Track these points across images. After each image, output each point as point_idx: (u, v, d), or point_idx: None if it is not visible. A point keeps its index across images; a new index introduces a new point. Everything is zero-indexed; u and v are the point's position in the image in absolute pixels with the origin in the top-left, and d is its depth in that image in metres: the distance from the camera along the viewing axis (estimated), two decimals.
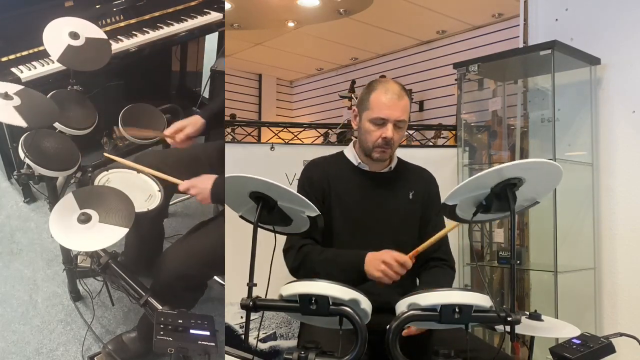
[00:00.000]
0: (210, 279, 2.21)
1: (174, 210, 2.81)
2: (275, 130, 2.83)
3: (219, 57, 3.14)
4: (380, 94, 1.72)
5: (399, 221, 1.79)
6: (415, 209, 1.82)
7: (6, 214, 2.81)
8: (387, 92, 1.72)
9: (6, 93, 1.84)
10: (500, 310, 1.15)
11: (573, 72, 2.49)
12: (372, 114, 1.72)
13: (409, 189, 1.82)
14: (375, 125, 1.72)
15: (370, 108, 1.73)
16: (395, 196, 1.81)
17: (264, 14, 4.26)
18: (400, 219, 1.79)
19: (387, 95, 1.72)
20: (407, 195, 1.82)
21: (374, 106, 1.72)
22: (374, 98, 1.73)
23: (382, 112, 1.71)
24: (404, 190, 1.82)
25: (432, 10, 4.01)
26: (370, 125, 1.73)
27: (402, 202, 1.81)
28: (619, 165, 2.43)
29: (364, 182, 1.81)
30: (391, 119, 1.71)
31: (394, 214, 1.79)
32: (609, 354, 1.41)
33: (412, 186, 1.83)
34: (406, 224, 1.80)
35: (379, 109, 1.71)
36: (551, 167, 1.19)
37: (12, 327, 2.25)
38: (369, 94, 1.75)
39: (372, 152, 1.76)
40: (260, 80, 6.09)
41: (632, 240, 2.38)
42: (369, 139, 1.75)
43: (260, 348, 2.50)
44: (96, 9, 2.59)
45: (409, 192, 1.82)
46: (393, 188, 1.82)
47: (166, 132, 2.04)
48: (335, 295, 1.16)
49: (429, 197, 1.83)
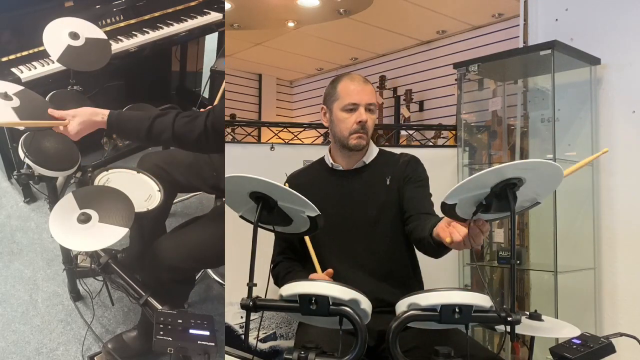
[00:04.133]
0: (198, 272, 2.21)
1: (174, 210, 2.81)
2: (275, 130, 2.83)
3: (219, 57, 3.14)
4: (346, 83, 1.78)
5: (377, 211, 1.77)
6: (395, 193, 1.79)
7: (6, 214, 2.81)
8: (353, 79, 1.79)
9: (6, 93, 1.84)
10: (501, 310, 1.15)
11: (573, 72, 2.49)
12: (343, 101, 1.76)
13: (385, 175, 1.81)
14: (348, 112, 1.76)
15: (340, 97, 1.77)
16: (371, 187, 1.80)
17: (264, 14, 4.26)
18: (378, 208, 1.77)
19: (353, 82, 1.78)
20: (384, 182, 1.80)
21: (343, 94, 1.77)
22: (341, 88, 1.78)
23: (352, 97, 1.75)
24: (380, 178, 1.81)
25: (432, 10, 4.01)
26: (343, 113, 1.76)
27: (379, 191, 1.79)
28: (619, 165, 2.43)
29: (338, 182, 1.82)
30: (362, 102, 1.75)
31: (371, 205, 1.78)
32: (609, 354, 1.41)
33: (389, 172, 1.81)
34: (386, 211, 1.78)
35: (349, 96, 1.76)
36: (551, 167, 1.19)
37: (12, 327, 2.25)
38: (335, 86, 1.81)
39: (349, 140, 1.76)
40: (260, 80, 6.09)
41: (632, 240, 2.38)
42: (344, 127, 1.77)
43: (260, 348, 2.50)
44: (96, 9, 2.59)
45: (386, 179, 1.80)
46: (369, 180, 1.81)
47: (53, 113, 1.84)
48: (335, 295, 1.16)
49: (406, 175, 1.81)
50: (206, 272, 2.51)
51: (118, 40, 2.61)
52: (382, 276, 1.73)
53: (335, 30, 4.49)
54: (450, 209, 1.27)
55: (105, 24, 2.60)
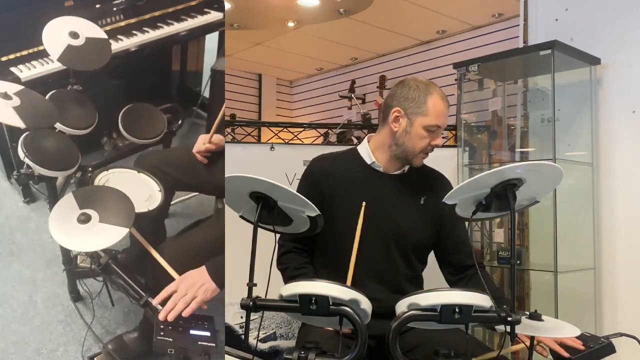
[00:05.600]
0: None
1: (174, 210, 2.80)
2: (275, 130, 2.83)
3: (219, 57, 3.14)
4: (438, 100, 1.67)
5: (406, 226, 1.73)
6: (425, 216, 1.75)
7: (6, 214, 2.81)
8: (443, 98, 1.68)
9: (6, 93, 1.84)
10: (501, 310, 1.15)
11: (573, 72, 2.49)
12: (430, 120, 1.66)
13: (421, 193, 1.76)
14: (429, 132, 1.68)
15: (428, 114, 1.66)
16: (405, 200, 1.75)
17: (264, 14, 4.26)
18: (407, 224, 1.73)
19: (443, 102, 1.68)
20: (419, 200, 1.76)
21: (432, 113, 1.66)
22: (433, 104, 1.66)
23: (439, 119, 1.67)
24: (415, 194, 1.76)
25: (432, 10, 4.01)
26: (424, 131, 1.67)
27: (412, 207, 1.75)
28: (619, 165, 2.43)
29: (373, 183, 1.75)
30: (444, 126, 1.69)
31: (401, 218, 1.73)
32: (609, 354, 1.41)
33: (425, 191, 1.77)
34: (414, 229, 1.74)
35: (437, 117, 1.67)
36: (552, 169, 1.20)
37: (11, 328, 2.25)
38: (424, 99, 1.67)
39: (416, 158, 1.71)
40: (260, 80, 6.10)
41: (632, 240, 2.38)
42: (419, 144, 1.68)
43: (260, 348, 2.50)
44: (96, 9, 2.58)
45: (421, 198, 1.76)
46: (404, 192, 1.75)
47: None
48: (335, 295, 1.16)
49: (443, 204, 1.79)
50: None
51: (118, 39, 2.61)
52: (396, 290, 1.69)
53: (335, 30, 4.49)
54: (451, 209, 1.27)
55: (105, 23, 2.59)
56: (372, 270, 1.70)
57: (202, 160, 2.10)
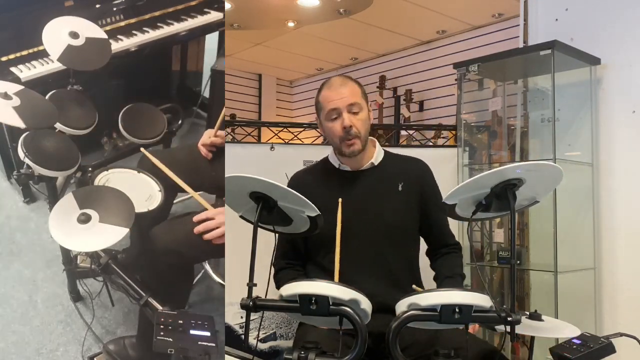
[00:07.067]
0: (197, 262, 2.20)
1: (174, 210, 2.80)
2: (275, 130, 2.83)
3: (219, 57, 3.14)
4: (325, 91, 1.76)
5: (388, 215, 1.75)
6: (407, 201, 1.78)
7: (6, 214, 2.81)
8: (330, 85, 1.76)
9: (6, 93, 1.84)
10: (501, 310, 1.15)
11: (573, 72, 2.49)
12: (325, 110, 1.74)
13: (397, 181, 1.78)
14: (333, 120, 1.73)
15: (322, 107, 1.76)
16: (382, 190, 1.77)
17: (264, 14, 4.26)
18: (389, 212, 1.75)
19: (330, 88, 1.75)
20: (396, 187, 1.78)
21: (324, 103, 1.75)
22: (322, 97, 1.76)
23: (331, 104, 1.73)
24: (391, 183, 1.78)
25: (432, 10, 4.01)
26: (329, 122, 1.75)
27: (390, 195, 1.77)
28: (619, 165, 2.43)
29: (346, 182, 1.78)
30: (342, 106, 1.71)
31: (381, 208, 1.75)
32: (609, 354, 1.40)
33: (401, 177, 1.79)
34: (396, 216, 1.75)
35: (328, 103, 1.74)
36: (552, 169, 1.20)
37: (12, 328, 2.25)
38: (318, 98, 1.78)
39: (342, 148, 1.75)
40: (260, 80, 6.10)
41: (632, 240, 2.38)
42: (333, 135, 1.75)
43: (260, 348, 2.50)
44: (96, 9, 2.58)
45: (398, 185, 1.78)
46: (379, 183, 1.78)
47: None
48: (335, 295, 1.16)
49: (424, 189, 1.80)
50: (206, 272, 2.51)
51: (118, 39, 2.61)
52: (389, 282, 1.70)
53: (335, 30, 4.50)
54: (451, 209, 1.27)
55: (105, 23, 2.59)
56: (362, 265, 1.71)
57: (206, 155, 2.10)
